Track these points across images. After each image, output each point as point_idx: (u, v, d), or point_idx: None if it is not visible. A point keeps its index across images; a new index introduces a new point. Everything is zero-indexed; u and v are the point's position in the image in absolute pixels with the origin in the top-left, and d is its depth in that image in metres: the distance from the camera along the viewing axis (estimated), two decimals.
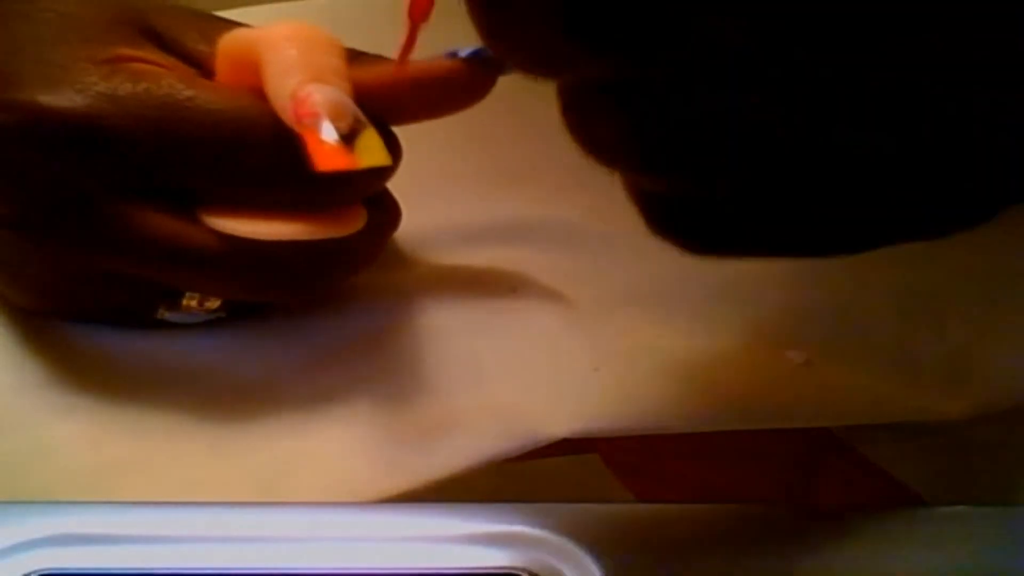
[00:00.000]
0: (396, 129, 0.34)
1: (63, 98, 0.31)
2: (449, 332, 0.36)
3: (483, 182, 0.40)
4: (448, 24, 0.31)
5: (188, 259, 0.32)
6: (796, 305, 0.37)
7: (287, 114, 0.31)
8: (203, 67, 0.34)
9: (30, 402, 0.34)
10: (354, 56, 0.34)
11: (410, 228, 0.37)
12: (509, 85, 0.32)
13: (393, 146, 0.33)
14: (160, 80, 0.31)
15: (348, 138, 0.30)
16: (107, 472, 0.32)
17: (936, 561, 0.29)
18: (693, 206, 0.24)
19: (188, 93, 0.31)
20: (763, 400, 0.34)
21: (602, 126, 0.23)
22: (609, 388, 0.34)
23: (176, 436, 0.33)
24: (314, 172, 0.30)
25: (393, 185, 0.35)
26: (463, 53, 0.32)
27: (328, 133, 0.30)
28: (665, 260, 0.38)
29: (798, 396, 0.35)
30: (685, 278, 0.38)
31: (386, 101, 0.33)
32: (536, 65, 0.23)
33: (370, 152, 0.31)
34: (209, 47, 0.34)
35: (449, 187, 0.40)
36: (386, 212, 0.35)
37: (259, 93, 0.32)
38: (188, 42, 0.34)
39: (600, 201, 0.39)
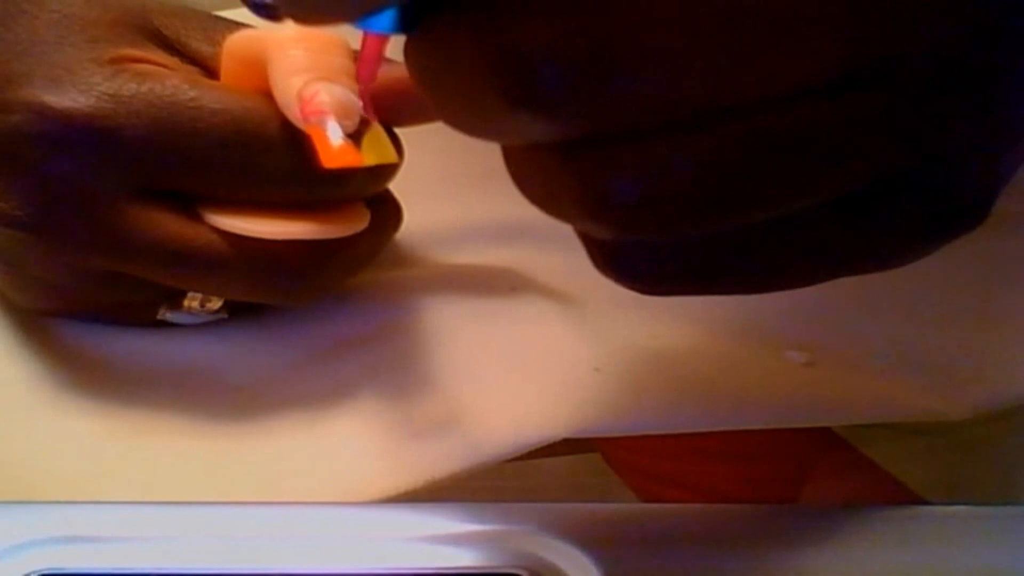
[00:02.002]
0: (397, 130, 0.34)
1: (67, 98, 0.31)
2: (448, 332, 0.36)
3: (483, 182, 0.40)
4: None
5: (191, 259, 0.32)
6: (796, 305, 0.37)
7: (293, 113, 0.31)
8: (207, 68, 0.34)
9: (30, 402, 0.34)
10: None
11: (410, 228, 0.37)
12: None
13: (396, 147, 0.33)
14: (164, 81, 0.32)
15: (354, 136, 0.30)
16: (107, 472, 0.32)
17: (936, 561, 0.29)
18: (642, 250, 0.24)
19: (192, 94, 0.31)
20: (763, 400, 0.34)
21: (552, 183, 0.23)
22: (609, 388, 0.34)
23: (176, 436, 0.33)
24: (319, 171, 0.30)
25: (393, 185, 0.35)
26: None
27: (334, 131, 0.30)
28: None
29: (798, 396, 0.35)
30: None
31: (394, 103, 0.33)
32: (485, 133, 0.23)
33: (376, 149, 0.31)
34: (213, 48, 0.34)
35: (449, 187, 0.40)
36: (388, 212, 0.36)
37: (265, 94, 0.32)
38: (192, 43, 0.34)
39: None
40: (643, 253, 0.24)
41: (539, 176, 0.23)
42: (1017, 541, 0.29)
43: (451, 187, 0.40)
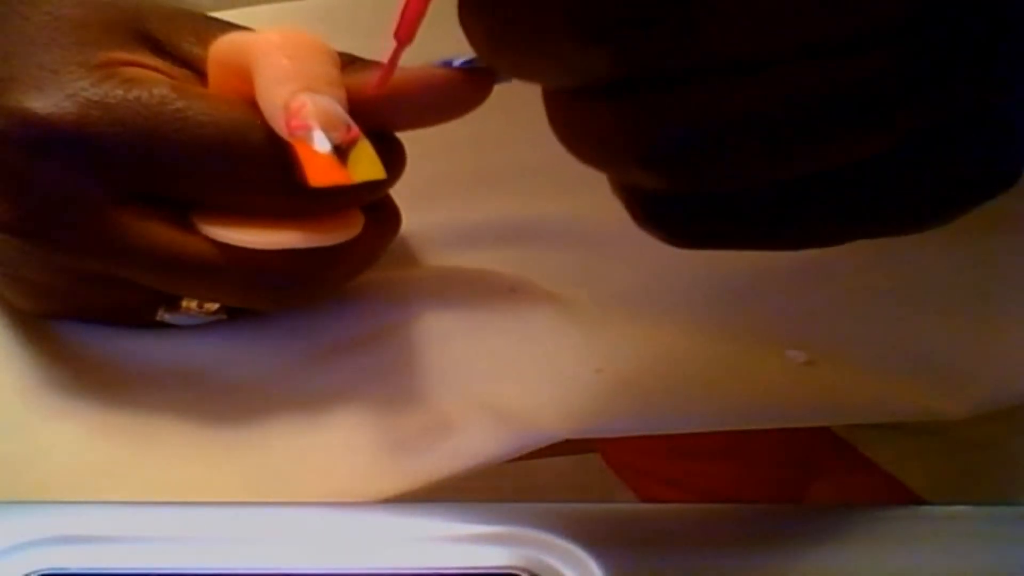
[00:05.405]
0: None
1: (51, 103, 0.31)
2: (449, 332, 0.36)
3: (483, 182, 0.40)
4: (439, 31, 0.31)
5: (183, 267, 0.32)
6: (796, 305, 0.37)
7: (279, 124, 0.31)
8: (200, 70, 0.34)
9: (29, 402, 0.34)
10: (348, 62, 0.33)
11: (410, 228, 0.37)
12: (508, 85, 0.32)
13: (397, 152, 0.33)
14: (152, 88, 0.31)
15: (342, 150, 0.30)
16: (106, 472, 0.32)
17: (936, 561, 0.29)
18: (681, 201, 0.24)
19: (180, 104, 0.31)
20: (763, 400, 0.34)
21: (604, 128, 0.23)
22: (609, 388, 0.34)
23: (175, 436, 0.33)
24: (307, 185, 0.30)
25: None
26: (457, 63, 0.32)
27: (321, 144, 0.30)
28: (665, 260, 0.38)
29: (798, 396, 0.35)
30: (685, 278, 0.38)
31: (379, 110, 0.32)
32: (535, 73, 0.23)
33: (363, 165, 0.30)
34: (205, 50, 0.34)
35: (449, 187, 0.40)
36: (386, 217, 0.35)
37: (251, 99, 0.32)
38: (185, 45, 0.34)
39: (600, 201, 0.39)
40: (685, 206, 0.24)
41: (590, 122, 0.24)
42: (1017, 541, 0.29)
43: (450, 187, 0.40)
